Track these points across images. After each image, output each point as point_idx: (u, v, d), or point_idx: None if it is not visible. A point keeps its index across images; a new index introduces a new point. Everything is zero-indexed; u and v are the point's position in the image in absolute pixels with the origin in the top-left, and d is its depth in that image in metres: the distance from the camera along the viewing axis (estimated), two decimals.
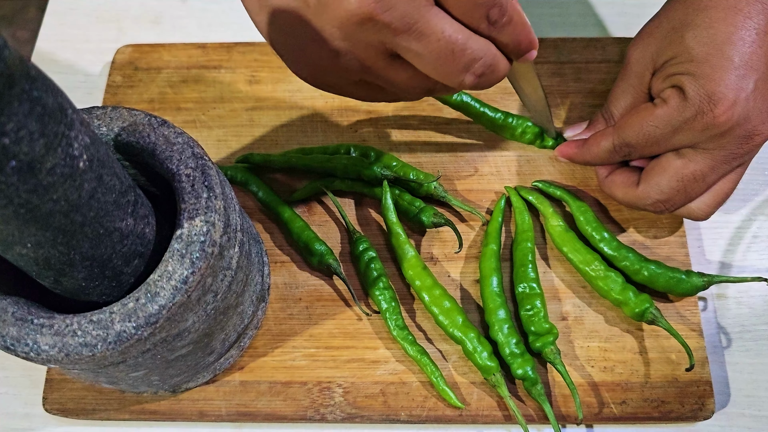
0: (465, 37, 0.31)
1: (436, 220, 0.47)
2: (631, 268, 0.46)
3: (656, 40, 0.44)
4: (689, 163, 0.42)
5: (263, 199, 0.50)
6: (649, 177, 0.44)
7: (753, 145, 0.42)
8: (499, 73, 0.34)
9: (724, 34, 0.40)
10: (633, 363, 0.45)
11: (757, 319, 0.48)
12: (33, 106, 0.24)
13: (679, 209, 0.45)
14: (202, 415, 0.45)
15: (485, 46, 0.32)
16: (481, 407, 0.44)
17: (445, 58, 0.31)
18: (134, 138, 0.36)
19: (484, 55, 0.32)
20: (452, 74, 0.32)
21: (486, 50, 0.32)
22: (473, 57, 0.32)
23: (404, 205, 0.49)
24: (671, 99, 0.42)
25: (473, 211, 0.48)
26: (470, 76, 0.33)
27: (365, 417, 0.44)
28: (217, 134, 0.53)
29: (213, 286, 0.35)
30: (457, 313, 0.45)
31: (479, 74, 0.33)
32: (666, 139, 0.43)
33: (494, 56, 0.33)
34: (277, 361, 0.46)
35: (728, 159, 0.42)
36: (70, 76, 0.58)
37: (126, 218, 0.33)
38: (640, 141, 0.44)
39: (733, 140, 0.41)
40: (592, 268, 0.46)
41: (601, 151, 0.46)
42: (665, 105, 0.42)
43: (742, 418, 0.45)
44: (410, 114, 0.53)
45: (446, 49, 0.31)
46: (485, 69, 0.33)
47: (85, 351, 0.32)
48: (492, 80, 0.34)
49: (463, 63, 0.32)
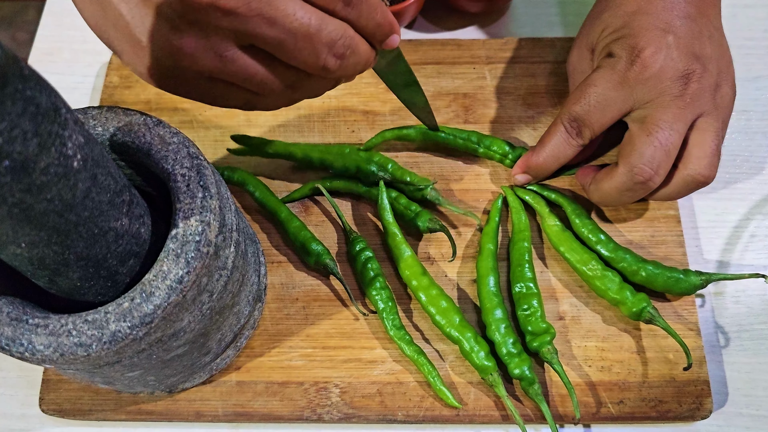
0: (319, 18, 0.31)
1: (432, 225, 0.47)
2: (629, 269, 0.46)
3: (584, 35, 0.49)
4: (647, 119, 0.43)
5: (260, 199, 0.50)
6: (623, 152, 0.45)
7: (697, 86, 0.43)
8: (360, 55, 0.34)
9: (635, 6, 0.45)
10: (630, 362, 0.45)
11: (754, 318, 0.48)
12: (26, 105, 0.24)
13: (683, 180, 0.44)
14: (199, 415, 0.45)
15: (342, 27, 0.32)
16: (478, 407, 0.44)
17: (302, 41, 0.31)
18: (130, 138, 0.36)
19: (341, 35, 0.32)
20: (313, 57, 0.32)
21: (343, 31, 0.32)
22: (330, 37, 0.32)
23: (400, 208, 0.49)
24: (603, 62, 0.45)
25: (469, 214, 0.48)
26: (331, 57, 0.33)
27: (362, 417, 0.44)
28: (213, 134, 0.53)
29: (209, 285, 0.35)
30: (454, 313, 0.45)
31: (340, 55, 0.33)
32: (609, 99, 0.44)
33: (352, 37, 0.33)
34: (273, 361, 0.46)
35: (679, 103, 0.43)
36: (68, 77, 0.58)
37: (121, 218, 0.33)
38: (585, 108, 0.45)
39: (671, 84, 0.43)
40: (589, 268, 0.46)
41: (554, 138, 0.47)
42: (599, 68, 0.45)
43: (739, 417, 0.45)
44: (406, 114, 0.53)
45: (301, 32, 0.31)
46: (345, 49, 0.33)
47: (80, 351, 0.32)
48: (356, 63, 0.34)
49: (322, 44, 0.32)
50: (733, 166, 0.53)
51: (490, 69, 0.55)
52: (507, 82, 0.55)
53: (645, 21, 0.44)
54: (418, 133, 0.51)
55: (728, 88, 0.44)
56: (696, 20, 0.44)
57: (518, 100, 0.54)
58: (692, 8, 0.44)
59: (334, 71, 0.33)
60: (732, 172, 0.53)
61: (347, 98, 0.54)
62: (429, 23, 0.60)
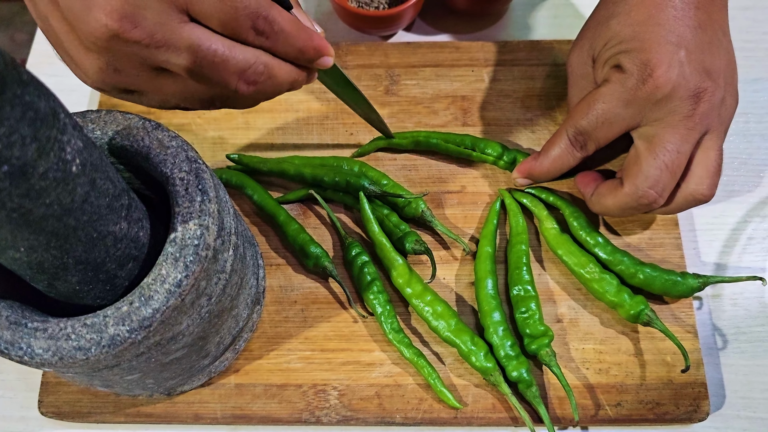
0: (225, 47, 0.32)
1: (417, 247, 0.47)
2: (627, 272, 0.46)
3: (587, 38, 0.47)
4: (654, 139, 0.43)
5: (258, 202, 0.50)
6: (628, 172, 0.44)
7: (707, 106, 0.42)
8: (278, 78, 0.34)
9: (645, 15, 0.43)
10: (628, 365, 0.45)
11: (752, 320, 0.48)
12: (25, 110, 0.24)
13: (684, 199, 0.44)
14: (198, 418, 0.45)
15: (252, 55, 0.33)
16: (476, 409, 0.44)
17: (210, 68, 0.32)
18: (128, 142, 0.36)
19: (252, 64, 0.33)
20: (223, 84, 0.33)
21: (254, 58, 0.33)
22: (239, 66, 0.32)
23: (389, 226, 0.48)
24: (612, 76, 0.44)
25: (458, 240, 0.47)
26: (243, 83, 0.33)
27: (360, 419, 0.44)
28: (212, 137, 0.54)
29: (207, 289, 0.35)
30: (450, 317, 0.45)
31: (252, 81, 0.33)
32: (616, 116, 0.43)
33: (266, 64, 0.33)
34: (272, 363, 0.46)
35: (689, 124, 0.42)
36: (66, 79, 0.58)
37: (120, 222, 0.33)
38: (592, 123, 0.44)
39: (681, 103, 0.42)
40: (587, 271, 0.46)
41: (558, 149, 0.46)
42: (608, 83, 0.44)
43: (737, 419, 0.45)
44: (405, 116, 0.53)
45: (207, 61, 0.32)
46: (257, 76, 0.33)
47: (78, 355, 0.32)
48: (273, 86, 0.34)
49: (231, 72, 0.32)
50: (731, 168, 0.53)
51: (489, 71, 0.55)
52: (505, 85, 0.55)
53: (656, 33, 0.42)
54: (410, 142, 0.51)
55: (732, 99, 0.44)
56: (706, 29, 0.43)
57: (516, 102, 0.54)
58: (703, 15, 0.43)
59: (250, 95, 0.34)
60: (730, 174, 0.53)
61: None
62: (427, 25, 0.60)
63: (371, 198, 0.49)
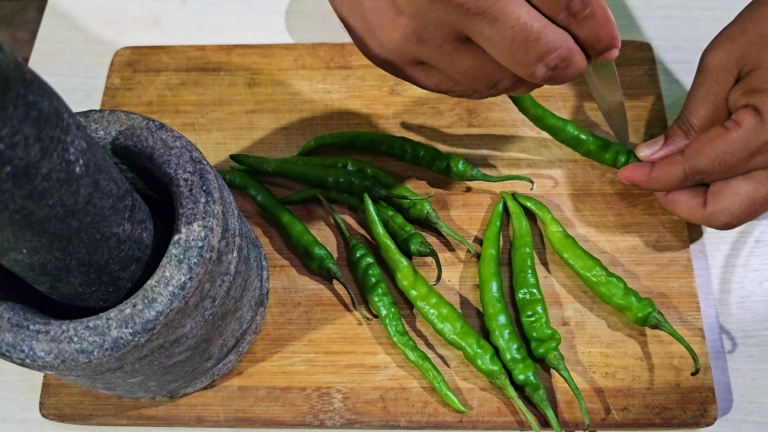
0: (541, 25, 0.30)
1: (423, 249, 0.46)
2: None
3: (741, 45, 0.42)
4: (761, 187, 0.41)
5: (262, 203, 0.49)
6: (717, 201, 0.43)
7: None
8: (574, 67, 0.32)
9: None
10: (635, 369, 0.45)
11: (759, 324, 0.47)
12: (28, 110, 0.24)
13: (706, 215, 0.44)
14: (200, 420, 0.44)
15: (562, 38, 0.31)
16: (481, 413, 0.44)
17: (519, 45, 0.30)
18: (132, 142, 0.35)
19: (559, 46, 0.31)
20: (524, 63, 0.31)
21: (562, 42, 0.31)
22: (548, 47, 0.31)
23: (394, 227, 0.48)
24: (746, 121, 0.41)
25: (463, 241, 0.47)
26: (543, 67, 0.31)
27: (364, 423, 0.44)
28: (216, 137, 0.53)
29: (211, 291, 0.35)
30: (456, 320, 0.44)
31: (553, 66, 0.31)
32: (742, 163, 0.41)
33: (570, 49, 0.31)
34: (275, 366, 0.46)
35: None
36: (69, 78, 0.58)
37: (123, 223, 0.32)
38: (714, 168, 0.42)
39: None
40: (593, 274, 0.46)
41: (671, 179, 0.44)
42: (739, 128, 0.41)
43: (744, 424, 0.45)
44: (410, 117, 0.53)
45: (520, 36, 0.30)
46: (559, 62, 0.31)
47: (81, 357, 0.31)
48: (566, 75, 0.32)
49: (537, 52, 0.31)
50: None
51: None
52: None
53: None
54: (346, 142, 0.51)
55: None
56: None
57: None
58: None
59: (542, 80, 0.32)
60: None
61: (350, 101, 0.54)
62: None
63: (376, 199, 0.49)
